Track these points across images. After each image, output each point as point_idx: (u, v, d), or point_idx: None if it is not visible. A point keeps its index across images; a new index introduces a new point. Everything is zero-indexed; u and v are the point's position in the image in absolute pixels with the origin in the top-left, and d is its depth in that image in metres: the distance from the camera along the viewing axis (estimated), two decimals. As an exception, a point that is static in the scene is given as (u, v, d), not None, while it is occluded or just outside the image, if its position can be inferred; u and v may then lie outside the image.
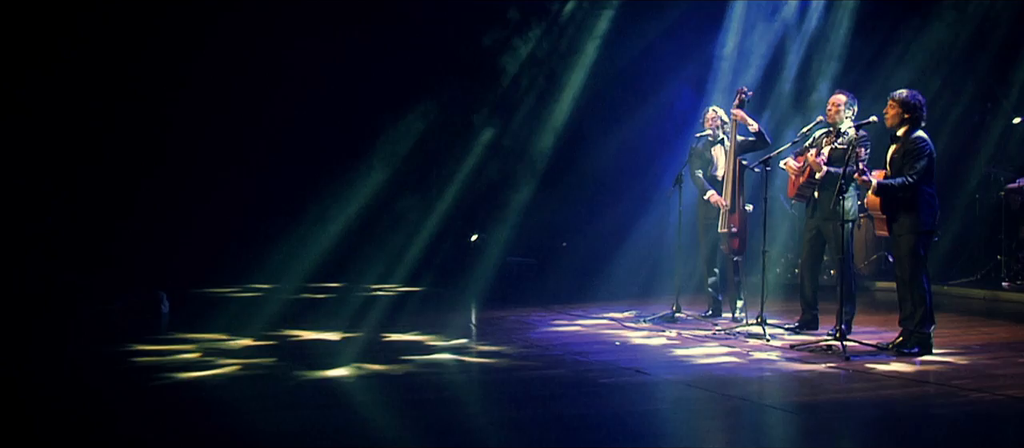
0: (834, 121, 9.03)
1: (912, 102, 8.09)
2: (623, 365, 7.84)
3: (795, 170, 9.16)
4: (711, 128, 10.26)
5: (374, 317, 10.48)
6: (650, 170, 14.30)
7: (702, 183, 10.25)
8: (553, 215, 15.35)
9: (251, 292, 12.52)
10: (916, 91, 8.23)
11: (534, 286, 13.47)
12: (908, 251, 8.10)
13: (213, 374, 7.42)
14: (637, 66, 15.12)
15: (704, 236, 10.38)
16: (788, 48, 14.67)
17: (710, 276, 10.45)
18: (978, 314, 11.13)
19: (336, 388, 7.13)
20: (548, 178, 15.25)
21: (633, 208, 14.54)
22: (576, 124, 15.20)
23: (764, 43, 14.66)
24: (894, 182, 8.02)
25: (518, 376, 7.55)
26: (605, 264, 14.09)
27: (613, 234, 14.70)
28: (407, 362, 7.96)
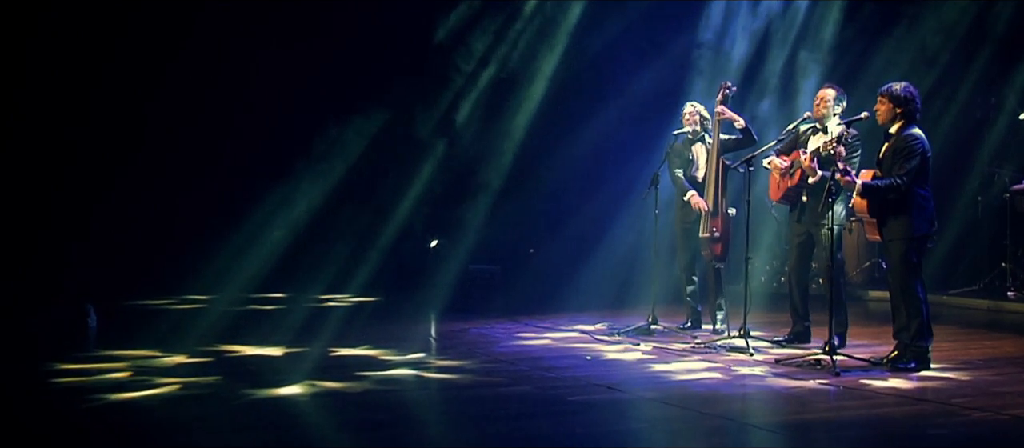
0: (821, 117, 9.09)
1: (904, 96, 8.09)
2: (595, 381, 7.83)
3: (780, 169, 9.22)
4: (691, 125, 10.33)
5: (322, 330, 10.44)
6: (625, 170, 14.35)
7: (682, 184, 10.29)
8: (519, 219, 15.38)
9: (187, 304, 12.45)
10: (909, 84, 8.22)
11: (498, 295, 13.45)
12: (899, 258, 8.13)
13: (150, 395, 7.35)
14: (610, 55, 15.20)
15: (683, 241, 10.42)
16: (773, 39, 14.80)
17: (689, 285, 10.49)
18: (981, 326, 11.21)
19: (289, 408, 7.08)
20: (514, 179, 15.28)
21: (606, 211, 14.60)
22: (544, 120, 15.26)
23: (747, 34, 14.78)
24: (880, 183, 8.02)
25: (482, 393, 7.55)
26: (576, 272, 14.12)
27: (584, 239, 14.75)
28: (363, 379, 7.93)
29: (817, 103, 9.14)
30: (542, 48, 15.16)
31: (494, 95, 15.27)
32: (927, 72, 13.80)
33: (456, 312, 12.16)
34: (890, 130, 8.18)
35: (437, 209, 15.34)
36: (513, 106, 15.29)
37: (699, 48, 14.79)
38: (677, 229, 10.48)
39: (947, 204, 13.29)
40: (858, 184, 8.06)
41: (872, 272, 13.91)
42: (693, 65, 14.80)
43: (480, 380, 8.01)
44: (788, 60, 14.62)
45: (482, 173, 15.36)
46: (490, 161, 15.35)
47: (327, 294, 13.46)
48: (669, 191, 10.49)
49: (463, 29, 15.08)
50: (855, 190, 8.11)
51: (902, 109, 8.11)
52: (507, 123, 15.30)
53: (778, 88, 14.52)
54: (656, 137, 12.67)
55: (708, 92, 13.10)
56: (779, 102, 14.44)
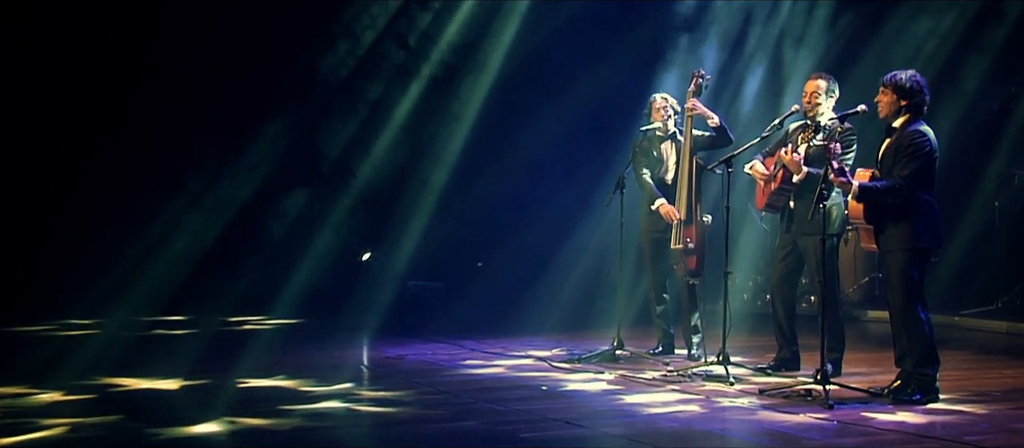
0: (811, 111, 9.08)
1: (911, 87, 8.06)
2: (552, 416, 7.79)
3: (764, 175, 9.23)
4: (660, 120, 10.32)
5: (232, 358, 10.34)
6: (585, 172, 14.37)
7: (650, 188, 10.26)
8: (465, 228, 15.35)
9: (69, 330, 12.26)
10: (917, 74, 8.20)
11: (441, 316, 13.42)
12: (899, 272, 8.09)
13: (33, 439, 7.25)
14: (567, 42, 15.22)
15: (652, 254, 10.39)
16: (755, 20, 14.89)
17: (659, 304, 10.46)
18: (998, 352, 11.26)
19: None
20: (458, 182, 15.26)
21: (564, 219, 14.61)
22: (492, 116, 15.25)
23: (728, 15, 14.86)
24: (879, 185, 8.01)
25: (423, 430, 7.48)
26: (530, 289, 14.11)
27: (540, 251, 14.74)
28: (289, 414, 7.87)
29: (806, 96, 9.12)
30: (489, 32, 15.16)
31: (436, 87, 15.23)
32: (934, 57, 13.85)
33: (392, 336, 12.09)
34: (893, 125, 8.13)
35: (370, 217, 15.26)
36: (457, 99, 15.27)
37: (671, 32, 14.85)
38: (645, 240, 10.45)
39: (958, 211, 13.38)
40: (855, 186, 8.04)
41: (871, 288, 13.98)
42: (662, 54, 14.85)
43: (420, 414, 7.94)
44: (775, 46, 14.71)
45: (422, 176, 15.31)
46: (431, 162, 15.31)
47: (239, 317, 13.36)
48: (636, 195, 10.50)
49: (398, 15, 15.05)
50: (850, 192, 8.11)
51: (907, 102, 8.07)
52: (450, 119, 15.28)
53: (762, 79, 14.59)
54: (621, 134, 12.71)
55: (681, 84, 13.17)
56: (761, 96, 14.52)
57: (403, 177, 15.39)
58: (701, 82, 10.07)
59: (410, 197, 15.29)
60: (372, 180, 15.17)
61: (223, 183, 14.68)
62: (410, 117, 15.18)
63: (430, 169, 15.33)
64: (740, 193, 12.61)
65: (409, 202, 15.27)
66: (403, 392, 8.73)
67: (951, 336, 11.79)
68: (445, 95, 15.28)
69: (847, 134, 8.84)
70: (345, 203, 15.11)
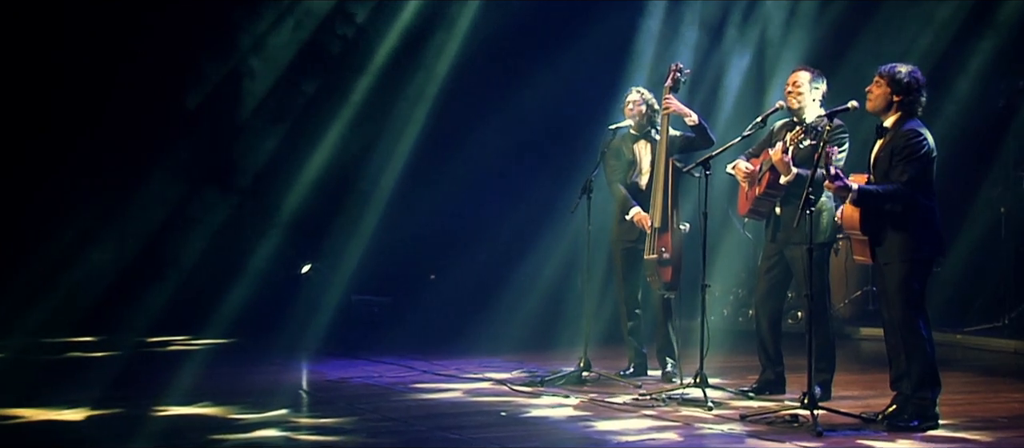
0: (796, 108, 9.10)
1: (908, 83, 8.06)
2: (512, 445, 7.79)
3: (748, 176, 9.21)
4: (633, 117, 10.34)
5: (151, 384, 10.26)
6: (549, 175, 14.37)
7: (621, 193, 10.26)
8: (416, 236, 15.31)
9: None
10: (917, 70, 8.20)
11: (389, 334, 13.40)
12: (898, 285, 8.10)
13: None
14: (528, 31, 15.19)
15: (623, 265, 10.39)
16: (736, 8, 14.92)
17: (630, 320, 10.45)
18: (1005, 373, 11.30)
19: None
20: (408, 187, 15.22)
21: (526, 226, 14.60)
22: (446, 110, 15.21)
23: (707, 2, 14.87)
24: (880, 189, 8.02)
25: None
26: (487, 303, 14.10)
27: (499, 262, 14.75)
28: (217, 446, 7.82)
29: (789, 89, 9.14)
30: (440, 24, 15.10)
31: (383, 85, 15.14)
32: (933, 45, 13.82)
33: (334, 356, 12.05)
34: (884, 124, 8.17)
35: (311, 225, 15.18)
36: (406, 98, 15.22)
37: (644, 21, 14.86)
38: (616, 249, 10.45)
39: (959, 217, 13.39)
40: (854, 190, 8.01)
41: (864, 303, 14.02)
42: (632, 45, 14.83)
43: (366, 444, 7.92)
44: (760, 37, 14.75)
45: (369, 180, 15.25)
46: (379, 166, 15.25)
47: (162, 336, 13.27)
48: (605, 200, 10.49)
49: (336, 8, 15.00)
50: (848, 198, 8.08)
51: (901, 97, 8.08)
52: (399, 119, 15.21)
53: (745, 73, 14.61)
54: (590, 132, 12.71)
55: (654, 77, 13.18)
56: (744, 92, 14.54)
57: (348, 182, 15.31)
58: (678, 77, 10.06)
59: (355, 203, 15.24)
60: (313, 186, 15.08)
61: (148, 188, 14.57)
62: (354, 118, 15.11)
63: (378, 173, 15.26)
64: (720, 197, 12.59)
65: (354, 209, 15.21)
66: (346, 419, 8.70)
67: (952, 356, 11.83)
68: (393, 93, 15.22)
69: (837, 132, 8.83)
70: (284, 210, 15.02)
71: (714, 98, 14.61)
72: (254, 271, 14.66)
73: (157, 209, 14.69)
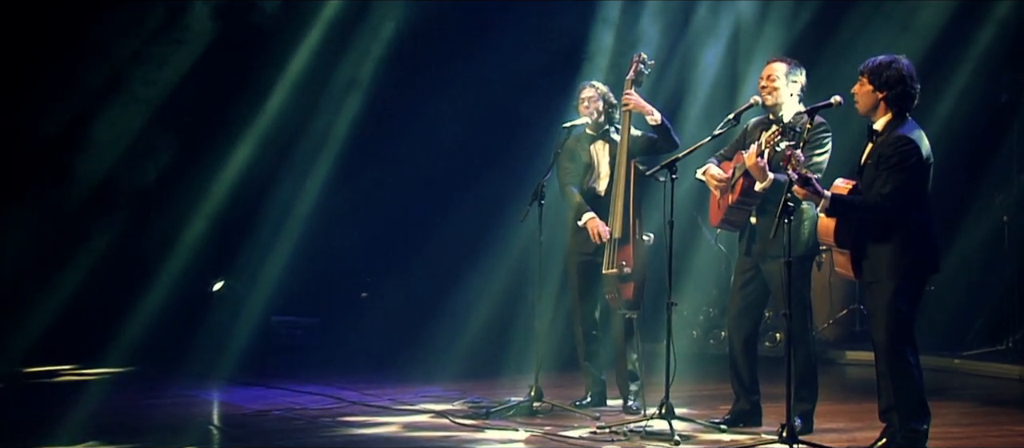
0: (772, 104, 9.13)
1: (893, 77, 8.04)
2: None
3: (720, 183, 9.27)
4: (589, 114, 10.36)
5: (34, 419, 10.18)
6: (494, 180, 14.37)
7: (575, 198, 10.28)
8: (345, 250, 15.29)
9: None
10: (904, 61, 8.17)
11: (315, 360, 13.38)
12: (884, 306, 8.07)
13: None
14: (473, 15, 15.18)
15: (579, 281, 10.41)
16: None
17: (588, 343, 10.47)
18: (1007, 402, 11.38)
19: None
20: (336, 194, 15.16)
21: (470, 237, 14.60)
22: (376, 104, 15.18)
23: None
24: (855, 199, 8.01)
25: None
26: (426, 324, 14.11)
27: (438, 277, 14.74)
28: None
29: (763, 84, 9.18)
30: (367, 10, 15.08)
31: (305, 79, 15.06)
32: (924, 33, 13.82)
33: (252, 385, 12.03)
34: (875, 126, 8.15)
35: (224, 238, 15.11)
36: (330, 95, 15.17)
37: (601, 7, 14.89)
38: (570, 263, 10.48)
39: (956, 227, 13.46)
40: (826, 197, 7.98)
41: (850, 323, 14.09)
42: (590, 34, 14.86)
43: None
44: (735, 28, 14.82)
45: (291, 188, 15.18)
46: (302, 171, 15.18)
47: (46, 366, 13.17)
48: (558, 208, 10.52)
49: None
50: (820, 206, 8.07)
51: (886, 93, 8.06)
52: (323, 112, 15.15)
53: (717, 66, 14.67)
54: (541, 131, 12.74)
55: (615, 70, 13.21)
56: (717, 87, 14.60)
57: (267, 189, 15.23)
58: (641, 69, 10.10)
59: (275, 213, 15.15)
60: (227, 194, 14.99)
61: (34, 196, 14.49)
62: (274, 116, 15.02)
63: (300, 179, 15.19)
64: (688, 205, 12.67)
65: (274, 219, 15.13)
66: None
67: (949, 383, 11.91)
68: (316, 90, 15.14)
69: (818, 131, 8.86)
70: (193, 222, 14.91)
71: (682, 93, 14.63)
72: (158, 290, 14.52)
73: (41, 228, 14.59)
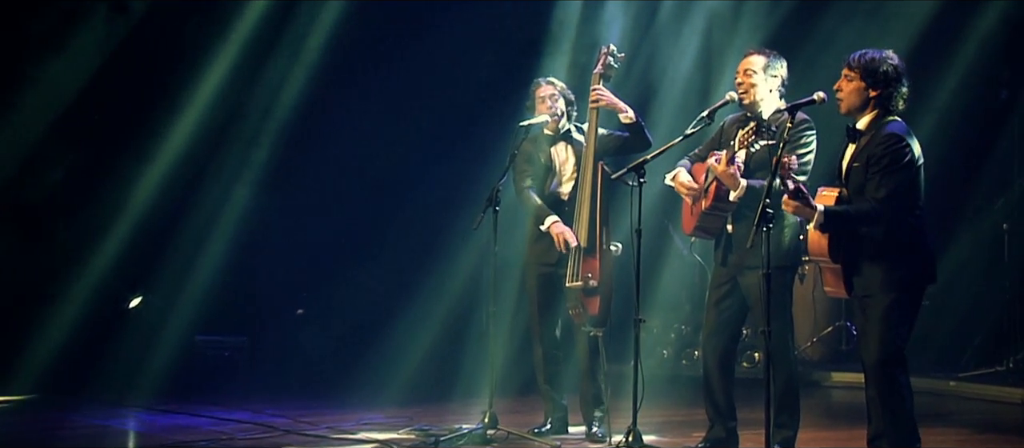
0: (746, 97, 9.16)
1: (885, 72, 8.07)
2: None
3: (692, 189, 9.29)
4: (549, 112, 10.35)
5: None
6: (444, 184, 14.37)
7: (535, 202, 10.30)
8: (277, 261, 15.27)
9: None
10: (894, 56, 8.18)
11: (244, 384, 13.37)
12: (878, 321, 8.07)
13: None
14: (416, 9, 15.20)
15: (539, 296, 10.42)
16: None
17: (548, 364, 10.48)
18: (1008, 428, 11.43)
19: None
20: (267, 197, 15.13)
21: (417, 247, 14.61)
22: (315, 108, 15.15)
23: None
24: (850, 210, 8.01)
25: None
26: (369, 343, 14.10)
27: (382, 292, 14.74)
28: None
29: (739, 78, 9.22)
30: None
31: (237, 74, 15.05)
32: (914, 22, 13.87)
33: (173, 411, 12.01)
34: (858, 125, 8.17)
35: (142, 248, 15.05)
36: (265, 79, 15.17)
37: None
38: (530, 275, 10.49)
39: (952, 237, 13.52)
40: (818, 212, 7.97)
41: (836, 342, 14.14)
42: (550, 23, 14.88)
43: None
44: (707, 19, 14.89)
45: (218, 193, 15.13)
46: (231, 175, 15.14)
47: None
48: (515, 214, 10.55)
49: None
50: (813, 221, 8.01)
51: (879, 92, 8.08)
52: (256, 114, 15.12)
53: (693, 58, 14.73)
54: (496, 130, 12.76)
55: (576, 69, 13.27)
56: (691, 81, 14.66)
57: (189, 195, 15.14)
58: (610, 61, 10.11)
59: (199, 221, 15.07)
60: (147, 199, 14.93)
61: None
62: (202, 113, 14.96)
63: (228, 185, 15.13)
64: (659, 211, 12.72)
65: (198, 228, 15.06)
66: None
67: (944, 407, 11.96)
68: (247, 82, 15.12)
69: (800, 130, 8.92)
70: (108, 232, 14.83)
71: (651, 89, 14.68)
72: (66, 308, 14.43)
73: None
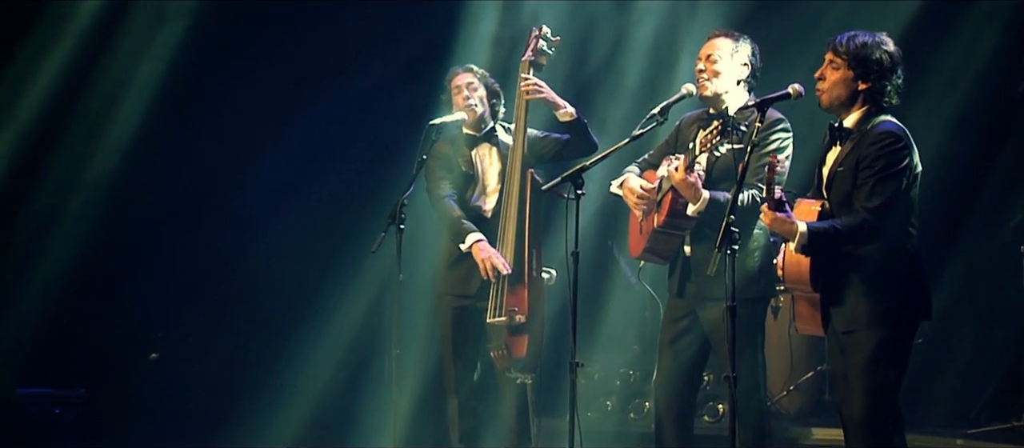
0: (710, 94, 9.26)
1: (879, 59, 8.16)
2: None
3: (642, 200, 9.35)
4: (468, 109, 10.48)
5: None
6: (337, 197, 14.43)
7: (453, 214, 10.38)
8: (125, 297, 15.19)
9: None
10: (886, 39, 8.31)
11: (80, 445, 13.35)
12: (864, 365, 8.13)
13: None
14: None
15: (454, 333, 10.52)
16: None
17: (464, 417, 10.59)
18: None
19: None
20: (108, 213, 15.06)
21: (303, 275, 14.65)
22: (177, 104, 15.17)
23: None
24: (839, 227, 8.05)
25: None
26: (244, 392, 14.13)
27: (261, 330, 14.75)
28: None
29: (701, 65, 9.31)
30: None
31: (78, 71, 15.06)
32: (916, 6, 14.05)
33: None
34: (844, 123, 8.28)
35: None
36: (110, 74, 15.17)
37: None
38: (442, 309, 10.61)
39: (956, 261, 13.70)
40: (801, 230, 7.98)
41: (816, 391, 14.28)
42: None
43: None
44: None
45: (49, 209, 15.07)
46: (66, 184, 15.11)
47: None
48: (425, 234, 10.65)
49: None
50: (795, 241, 8.02)
51: (870, 84, 8.17)
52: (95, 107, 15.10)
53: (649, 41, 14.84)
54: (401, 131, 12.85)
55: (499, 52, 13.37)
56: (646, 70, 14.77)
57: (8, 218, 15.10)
58: (542, 46, 10.20)
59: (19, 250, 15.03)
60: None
61: None
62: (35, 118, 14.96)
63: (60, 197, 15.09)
64: (601, 228, 12.82)
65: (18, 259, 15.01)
66: None
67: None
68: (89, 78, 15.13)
69: (772, 130, 9.06)
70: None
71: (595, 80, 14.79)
72: None
73: None
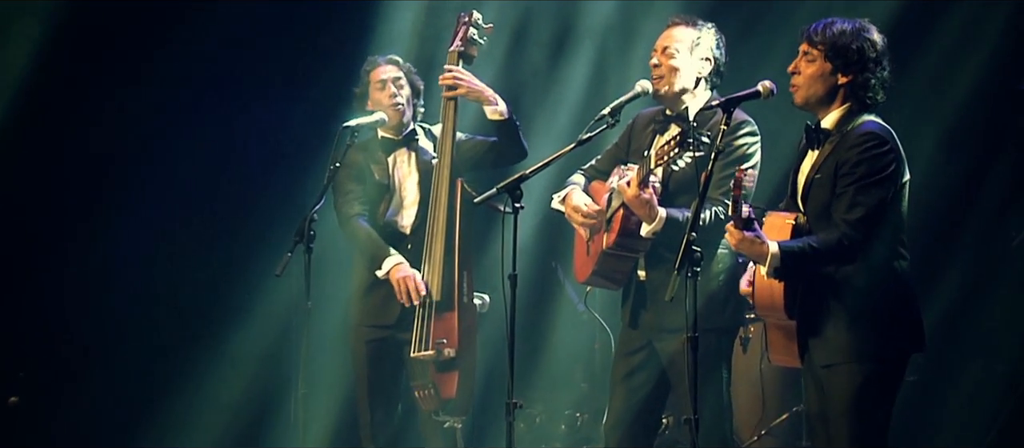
0: (667, 93, 9.29)
1: (857, 47, 8.20)
2: None
3: (589, 216, 9.40)
4: (388, 108, 10.52)
5: None
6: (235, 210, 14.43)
7: (366, 235, 10.44)
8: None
9: None
10: (869, 25, 8.35)
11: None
12: (846, 403, 8.19)
13: None
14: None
15: (370, 370, 10.57)
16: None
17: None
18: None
19: None
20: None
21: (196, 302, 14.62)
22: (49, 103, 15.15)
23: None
24: (815, 245, 8.07)
25: None
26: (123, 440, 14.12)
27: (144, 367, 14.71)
28: None
29: (655, 59, 9.34)
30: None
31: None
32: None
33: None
34: (822, 123, 8.31)
35: None
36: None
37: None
38: (357, 342, 10.67)
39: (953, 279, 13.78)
40: (773, 251, 8.00)
41: (792, 436, 14.35)
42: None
43: None
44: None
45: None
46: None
47: None
48: (336, 256, 10.63)
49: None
50: (765, 264, 8.05)
51: (851, 78, 8.22)
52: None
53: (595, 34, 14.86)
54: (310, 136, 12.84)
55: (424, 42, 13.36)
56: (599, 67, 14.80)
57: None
58: (473, 34, 10.26)
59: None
60: None
61: None
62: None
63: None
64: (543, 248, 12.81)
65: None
66: None
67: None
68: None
69: (739, 135, 9.11)
70: None
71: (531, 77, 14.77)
72: None
73: None
